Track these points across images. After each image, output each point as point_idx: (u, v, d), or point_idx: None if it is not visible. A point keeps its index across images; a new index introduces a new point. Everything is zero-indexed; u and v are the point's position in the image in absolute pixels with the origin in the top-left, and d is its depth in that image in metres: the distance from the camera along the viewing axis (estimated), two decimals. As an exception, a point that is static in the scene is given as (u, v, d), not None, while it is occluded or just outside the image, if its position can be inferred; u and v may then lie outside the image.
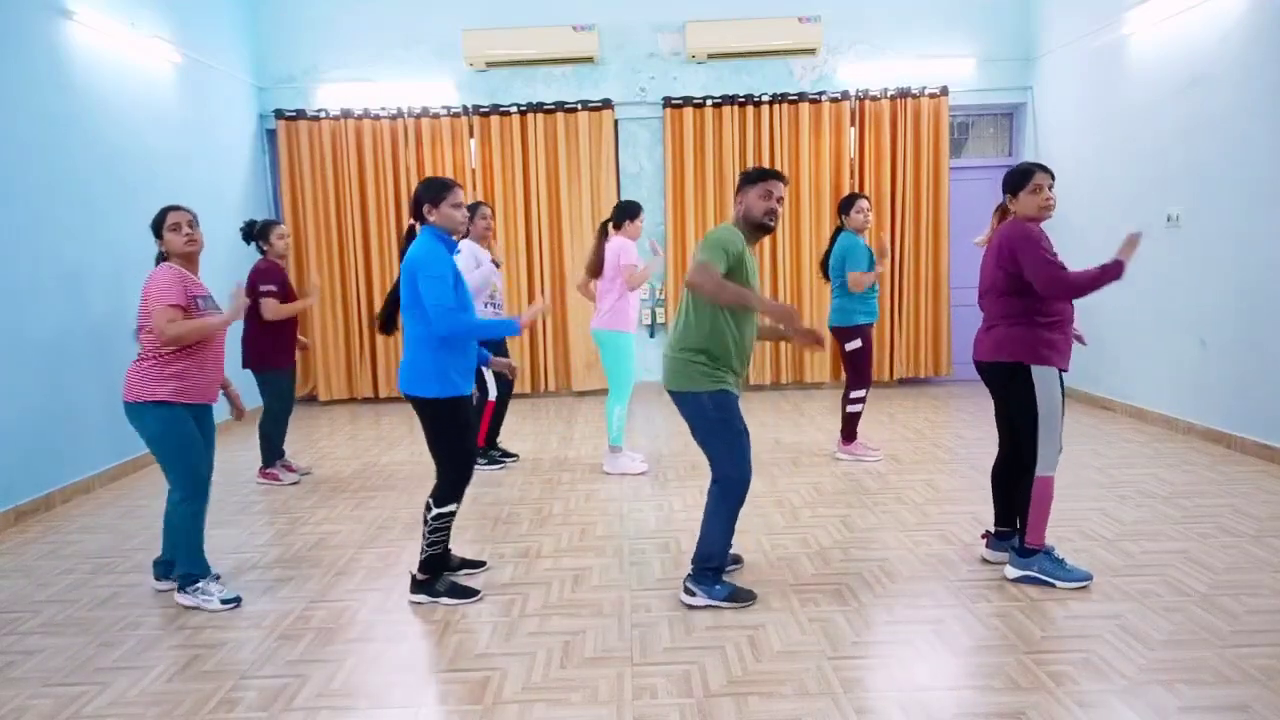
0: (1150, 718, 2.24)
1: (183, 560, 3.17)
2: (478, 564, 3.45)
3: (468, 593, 3.15)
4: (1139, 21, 5.71)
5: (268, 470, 4.85)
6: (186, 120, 6.07)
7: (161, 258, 3.20)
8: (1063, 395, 3.07)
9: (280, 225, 4.76)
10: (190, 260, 3.20)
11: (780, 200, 3.02)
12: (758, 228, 3.01)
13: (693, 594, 3.02)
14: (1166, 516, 3.83)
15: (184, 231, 3.14)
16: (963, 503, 4.11)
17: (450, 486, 3.10)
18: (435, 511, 3.07)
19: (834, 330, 4.90)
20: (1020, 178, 3.06)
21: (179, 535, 3.16)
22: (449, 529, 3.13)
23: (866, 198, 4.90)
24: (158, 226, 3.16)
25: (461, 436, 3.10)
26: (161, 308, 3.00)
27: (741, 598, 3.02)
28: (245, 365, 4.68)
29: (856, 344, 4.82)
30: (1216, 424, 5.15)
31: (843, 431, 5.01)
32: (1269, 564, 3.24)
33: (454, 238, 3.12)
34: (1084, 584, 3.07)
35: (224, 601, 3.13)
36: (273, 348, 4.69)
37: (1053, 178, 3.05)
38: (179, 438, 3.10)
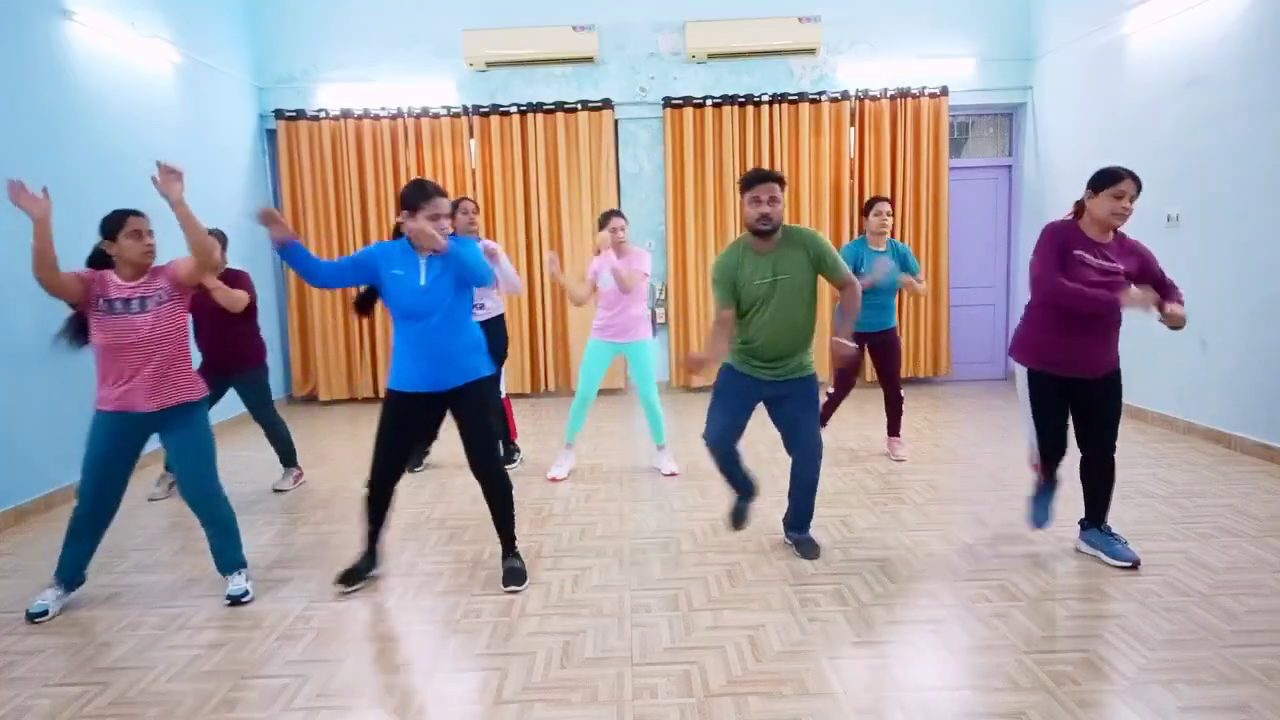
0: (1150, 718, 2.25)
1: None
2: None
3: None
4: (1139, 21, 5.71)
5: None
6: (186, 120, 6.07)
7: (100, 258, 3.23)
8: (1045, 397, 3.28)
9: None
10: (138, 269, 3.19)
11: (773, 200, 3.13)
12: (755, 233, 3.19)
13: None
14: (1166, 516, 3.84)
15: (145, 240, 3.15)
16: (963, 503, 4.11)
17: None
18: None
19: None
20: (1107, 178, 3.10)
21: None
22: None
23: (884, 200, 4.88)
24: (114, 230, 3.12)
25: None
26: None
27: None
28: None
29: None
30: (1216, 424, 5.15)
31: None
32: (1269, 564, 3.25)
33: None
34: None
35: (29, 613, 3.08)
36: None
37: (1139, 190, 3.11)
38: (87, 441, 3.13)
